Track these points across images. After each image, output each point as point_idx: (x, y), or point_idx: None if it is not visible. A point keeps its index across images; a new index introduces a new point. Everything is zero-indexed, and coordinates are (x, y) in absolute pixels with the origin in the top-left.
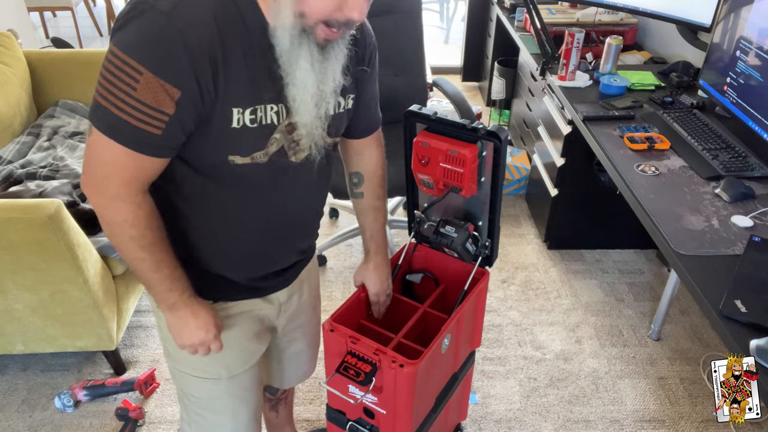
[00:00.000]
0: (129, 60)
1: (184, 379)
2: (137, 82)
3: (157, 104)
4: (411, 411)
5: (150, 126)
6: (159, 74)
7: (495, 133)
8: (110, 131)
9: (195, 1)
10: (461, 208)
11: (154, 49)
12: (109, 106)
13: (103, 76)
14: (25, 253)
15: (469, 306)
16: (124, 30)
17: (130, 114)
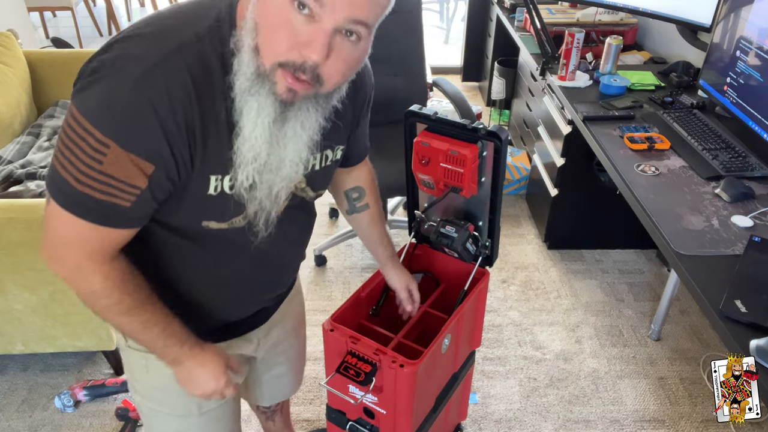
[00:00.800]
0: (93, 130)
1: (153, 416)
2: (104, 155)
3: (126, 178)
4: (411, 411)
5: (118, 199)
6: (129, 149)
7: (495, 133)
8: (70, 205)
9: (170, 63)
10: (461, 208)
11: (123, 121)
12: (68, 177)
13: (63, 142)
14: (25, 253)
15: (469, 306)
16: (88, 93)
17: (93, 188)
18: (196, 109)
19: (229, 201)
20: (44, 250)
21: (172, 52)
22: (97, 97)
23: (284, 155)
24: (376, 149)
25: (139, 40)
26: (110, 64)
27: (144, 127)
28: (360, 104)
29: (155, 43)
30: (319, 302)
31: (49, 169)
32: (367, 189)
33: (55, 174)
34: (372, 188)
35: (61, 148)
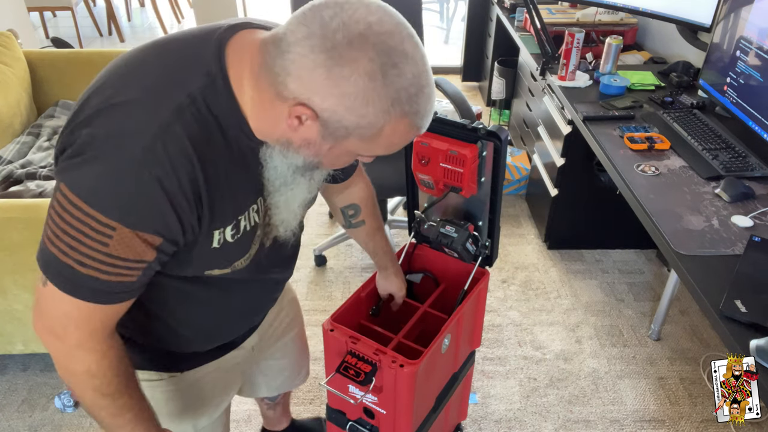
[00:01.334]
0: (95, 214)
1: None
2: (110, 237)
3: (134, 256)
4: (411, 411)
5: (124, 276)
6: (137, 228)
7: (495, 133)
8: (73, 290)
9: (169, 134)
10: (461, 208)
11: (129, 203)
12: (70, 262)
13: (58, 225)
14: (25, 253)
15: (469, 306)
16: (80, 173)
17: (99, 270)
18: (200, 175)
19: (232, 248)
20: (40, 329)
21: (168, 121)
22: (95, 178)
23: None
24: None
25: (130, 110)
26: (103, 141)
27: (152, 204)
28: None
29: (148, 111)
30: (319, 302)
31: (42, 251)
32: (362, 205)
33: (51, 257)
34: (368, 204)
35: (55, 231)
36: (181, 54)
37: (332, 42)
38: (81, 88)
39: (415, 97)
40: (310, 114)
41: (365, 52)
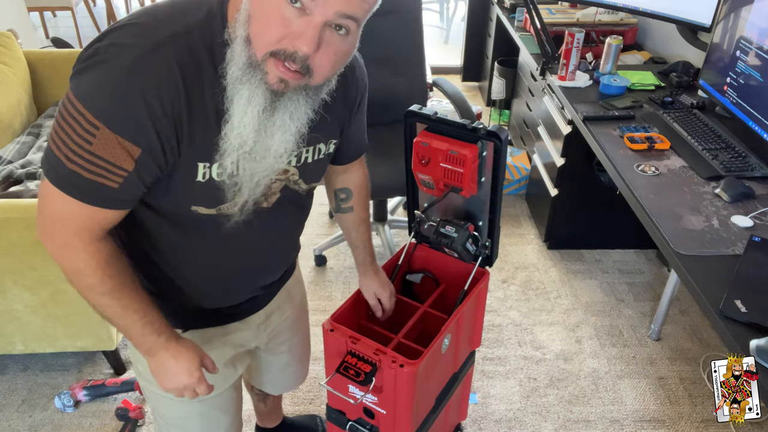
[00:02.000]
0: (85, 112)
1: (155, 399)
2: (93, 136)
3: (114, 159)
4: (411, 411)
5: (105, 179)
6: (117, 131)
7: (495, 133)
8: (61, 183)
9: (160, 52)
10: (461, 208)
11: (112, 105)
12: (60, 156)
13: (58, 122)
14: (25, 253)
15: (469, 306)
16: (83, 77)
17: (83, 167)
18: (183, 99)
19: (218, 187)
20: (38, 228)
21: (162, 42)
22: (91, 81)
23: (270, 144)
24: (376, 149)
25: (133, 29)
26: (104, 50)
27: (132, 112)
28: (351, 100)
29: (147, 32)
30: (319, 302)
31: (45, 148)
32: (355, 192)
33: (49, 152)
34: (360, 193)
35: (56, 128)
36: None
37: None
38: None
39: None
40: None
41: None
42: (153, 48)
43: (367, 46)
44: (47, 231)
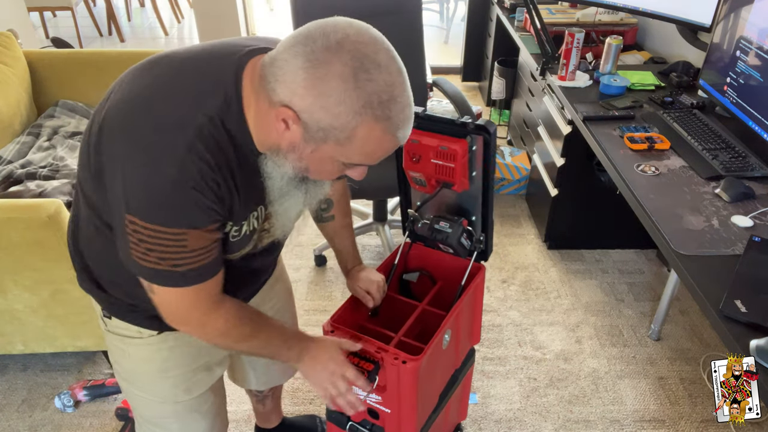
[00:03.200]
0: (168, 230)
1: (135, 399)
2: (185, 240)
3: (207, 242)
4: (415, 409)
5: (209, 258)
6: (200, 226)
7: (484, 127)
8: (180, 283)
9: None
10: (454, 205)
11: (185, 214)
12: (167, 267)
13: (142, 246)
14: (25, 253)
15: (467, 301)
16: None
17: (190, 262)
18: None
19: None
20: (172, 321)
21: (192, 142)
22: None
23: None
24: None
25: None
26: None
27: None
28: None
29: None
30: (319, 302)
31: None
32: (335, 201)
33: (150, 270)
34: (341, 201)
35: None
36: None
37: (312, 48)
38: (81, 88)
39: (387, 104)
40: (292, 116)
41: (340, 57)
42: (187, 152)
43: None
44: (185, 321)
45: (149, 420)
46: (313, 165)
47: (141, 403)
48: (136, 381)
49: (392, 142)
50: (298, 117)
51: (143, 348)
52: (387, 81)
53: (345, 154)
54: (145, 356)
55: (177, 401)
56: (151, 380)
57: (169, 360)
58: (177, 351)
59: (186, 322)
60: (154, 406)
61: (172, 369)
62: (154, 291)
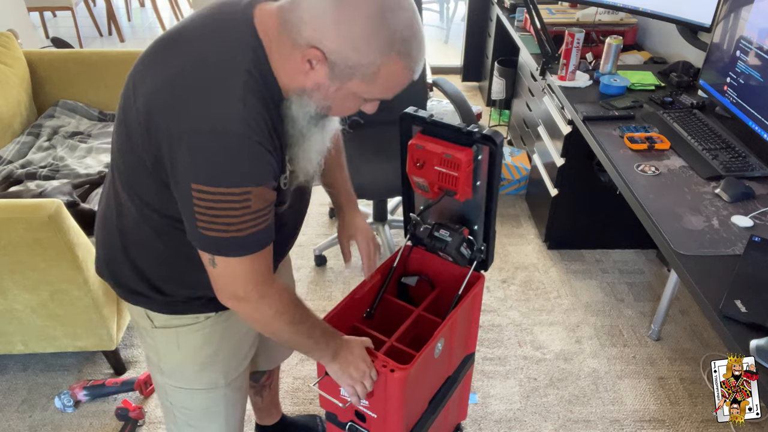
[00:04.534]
0: (234, 191)
1: (178, 394)
2: (249, 200)
3: (267, 203)
4: (402, 415)
5: (267, 220)
6: (262, 183)
7: (491, 137)
8: (242, 251)
9: (250, 106)
10: (457, 212)
11: (252, 168)
12: (232, 234)
13: (207, 214)
14: (25, 253)
15: (463, 310)
16: (204, 168)
17: (252, 225)
18: (271, 130)
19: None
20: (228, 298)
21: (244, 97)
22: (225, 165)
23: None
24: (376, 149)
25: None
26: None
27: (262, 161)
28: None
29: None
30: (319, 302)
31: (204, 239)
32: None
33: (214, 240)
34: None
35: (207, 220)
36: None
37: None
38: (81, 88)
39: (409, 41)
40: (320, 56)
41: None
42: (244, 106)
43: None
44: (240, 297)
45: (194, 412)
46: (336, 102)
47: (187, 397)
48: (186, 372)
49: (409, 77)
50: (325, 57)
51: (198, 334)
52: (408, 18)
53: (368, 91)
54: (199, 342)
55: (228, 381)
56: (205, 366)
57: (224, 338)
58: (233, 325)
59: (245, 297)
60: (202, 395)
61: (225, 348)
62: (216, 263)
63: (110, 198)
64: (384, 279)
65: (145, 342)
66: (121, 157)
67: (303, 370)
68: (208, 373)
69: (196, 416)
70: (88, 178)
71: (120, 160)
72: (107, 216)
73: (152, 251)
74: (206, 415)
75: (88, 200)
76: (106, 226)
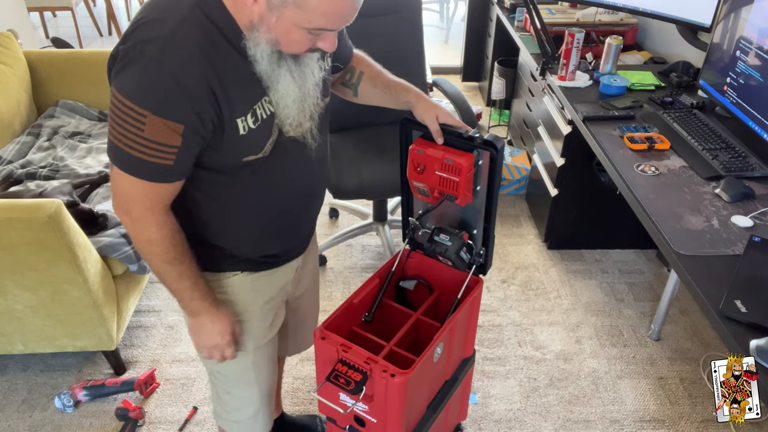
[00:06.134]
0: (132, 105)
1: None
2: (143, 124)
3: (164, 140)
4: (402, 420)
5: (162, 159)
6: (161, 114)
7: (491, 143)
8: (128, 168)
9: (180, 39)
10: (456, 216)
11: (152, 94)
12: (122, 146)
13: (112, 119)
14: (25, 253)
15: (462, 315)
16: (122, 76)
17: (142, 152)
18: (211, 73)
19: (258, 133)
20: (115, 206)
21: (175, 28)
22: (130, 78)
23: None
24: (376, 149)
25: (148, 26)
26: (132, 49)
27: (170, 96)
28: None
29: (159, 24)
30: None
31: (109, 144)
32: (355, 63)
33: (112, 145)
34: (362, 61)
35: (111, 123)
36: None
37: None
38: (81, 88)
39: None
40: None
41: None
42: (170, 36)
43: (367, 45)
44: (124, 208)
45: (229, 378)
46: (281, 35)
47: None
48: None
49: (346, 2)
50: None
51: (228, 290)
52: None
53: (306, 18)
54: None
55: (257, 345)
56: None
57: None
58: (260, 289)
59: (126, 212)
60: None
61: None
62: (113, 171)
63: None
64: (382, 283)
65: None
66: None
67: (303, 371)
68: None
69: (231, 382)
70: (88, 178)
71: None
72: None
73: (183, 209)
74: (239, 381)
75: (88, 200)
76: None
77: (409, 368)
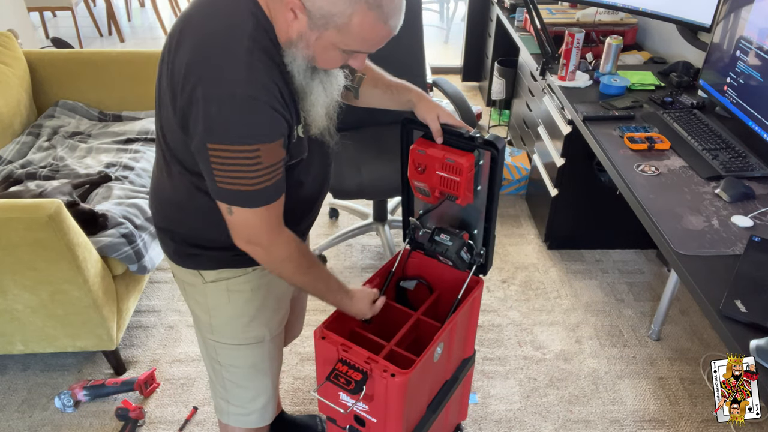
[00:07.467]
0: (242, 149)
1: (227, 351)
2: (259, 158)
3: (277, 158)
4: (402, 419)
5: (278, 174)
6: (272, 140)
7: (492, 143)
8: (253, 202)
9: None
10: (457, 216)
11: (259, 128)
12: (240, 187)
13: (222, 170)
14: (25, 253)
15: (462, 314)
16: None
17: (264, 180)
18: (283, 86)
19: (304, 140)
20: (242, 243)
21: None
22: (231, 126)
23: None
24: (377, 149)
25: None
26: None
27: (271, 120)
28: None
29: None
30: (319, 302)
31: (220, 191)
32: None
33: (230, 192)
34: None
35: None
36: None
37: None
38: (81, 88)
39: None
40: (299, 5)
41: None
42: (248, 69)
43: None
44: (253, 242)
45: (241, 370)
46: (318, 52)
47: (234, 354)
48: (234, 327)
49: (385, 30)
50: (303, 5)
51: (247, 286)
52: None
53: (345, 42)
54: (248, 294)
55: (273, 335)
56: (251, 320)
57: (269, 291)
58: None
59: (257, 242)
60: (248, 351)
61: (270, 302)
62: (232, 212)
63: (162, 172)
64: (383, 283)
65: (195, 301)
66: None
67: (303, 370)
68: (255, 327)
69: (244, 375)
70: (88, 178)
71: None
72: (161, 188)
73: (206, 215)
74: (253, 372)
75: (88, 200)
76: (158, 198)
77: (409, 368)
